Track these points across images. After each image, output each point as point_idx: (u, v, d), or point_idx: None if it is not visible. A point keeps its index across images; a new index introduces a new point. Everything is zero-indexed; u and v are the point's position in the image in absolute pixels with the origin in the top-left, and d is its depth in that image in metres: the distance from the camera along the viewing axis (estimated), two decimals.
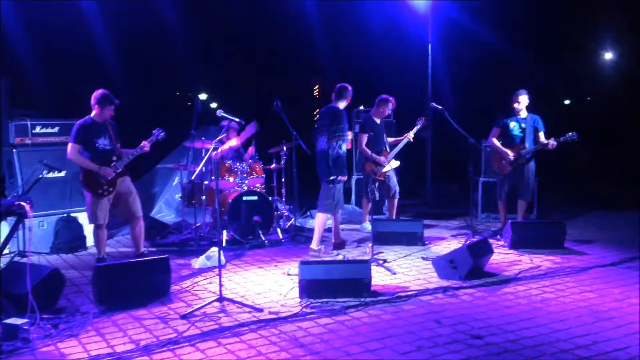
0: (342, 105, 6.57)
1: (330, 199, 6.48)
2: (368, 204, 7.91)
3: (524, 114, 7.51)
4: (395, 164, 7.80)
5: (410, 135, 7.75)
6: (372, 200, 7.26)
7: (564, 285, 5.30)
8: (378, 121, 7.81)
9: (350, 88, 6.61)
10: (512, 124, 7.51)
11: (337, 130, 6.38)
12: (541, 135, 7.47)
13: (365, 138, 7.61)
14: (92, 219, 5.98)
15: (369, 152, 7.58)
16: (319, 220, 6.54)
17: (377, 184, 7.74)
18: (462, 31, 13.45)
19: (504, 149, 7.47)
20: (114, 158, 5.96)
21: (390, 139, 7.95)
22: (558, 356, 3.70)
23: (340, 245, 6.83)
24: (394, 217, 7.87)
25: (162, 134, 6.18)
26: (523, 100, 7.45)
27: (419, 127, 7.81)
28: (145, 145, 6.05)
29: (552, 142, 7.23)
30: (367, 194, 7.75)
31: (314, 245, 6.51)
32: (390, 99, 7.80)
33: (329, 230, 8.03)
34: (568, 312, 4.55)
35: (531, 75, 14.74)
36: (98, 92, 5.95)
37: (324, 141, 6.41)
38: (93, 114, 5.96)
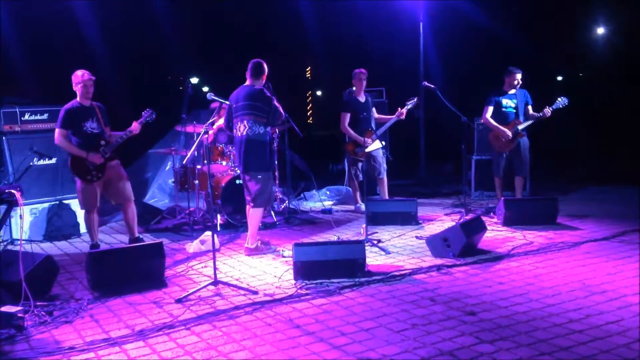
0: (258, 84, 5.84)
1: (268, 192, 5.88)
2: (356, 186, 7.90)
3: (513, 90, 7.50)
4: (379, 144, 7.39)
5: (403, 112, 7.50)
6: (357, 182, 7.20)
7: (556, 260, 5.32)
8: (362, 99, 7.66)
9: (265, 64, 5.87)
10: (505, 101, 7.49)
11: (274, 115, 5.78)
12: (529, 109, 7.49)
13: (346, 117, 7.52)
14: (84, 204, 5.95)
15: (350, 131, 7.51)
16: (257, 217, 5.88)
17: (360, 165, 7.66)
18: (453, 9, 13.36)
19: (501, 127, 7.44)
20: (102, 142, 5.90)
21: (382, 116, 7.79)
22: (551, 330, 3.73)
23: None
24: (386, 196, 7.83)
25: (152, 115, 6.02)
26: (519, 79, 7.43)
27: (409, 107, 7.55)
28: (136, 127, 5.94)
29: (547, 111, 7.25)
30: (352, 176, 7.71)
31: (250, 244, 5.86)
32: (360, 70, 7.60)
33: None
34: (561, 287, 4.58)
35: (523, 52, 14.69)
36: (76, 73, 5.86)
37: (258, 127, 5.73)
38: (78, 97, 5.89)
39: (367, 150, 7.39)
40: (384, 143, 7.67)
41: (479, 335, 3.69)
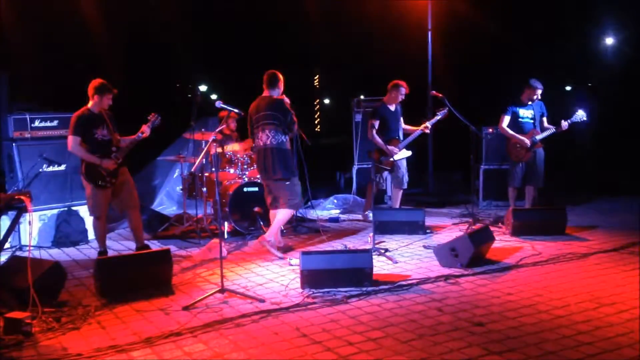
0: (276, 94, 6.15)
1: (298, 196, 6.18)
2: (373, 193, 7.84)
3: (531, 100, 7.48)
4: (406, 153, 7.51)
5: (428, 126, 7.40)
6: (376, 189, 7.17)
7: (565, 271, 5.29)
8: (392, 108, 7.59)
9: (279, 73, 6.18)
10: (522, 112, 7.46)
11: (291, 124, 6.07)
12: (544, 120, 7.47)
13: (375, 124, 7.52)
14: (93, 211, 5.98)
15: (378, 139, 7.47)
16: (284, 216, 6.16)
17: (384, 173, 7.63)
18: (461, 18, 13.37)
19: (520, 136, 7.41)
20: (114, 149, 5.95)
21: (408, 127, 7.67)
22: (560, 342, 3.70)
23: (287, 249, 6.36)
24: (397, 206, 7.78)
25: (158, 118, 6.10)
26: (539, 94, 7.40)
27: (439, 118, 7.34)
28: (145, 129, 6.01)
29: (564, 124, 7.23)
30: (373, 182, 7.67)
31: (268, 237, 6.08)
32: (402, 83, 7.55)
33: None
34: (570, 298, 4.55)
35: (531, 61, 14.67)
36: (96, 82, 5.90)
37: (280, 136, 6.06)
38: (90, 104, 5.92)
39: (392, 159, 7.40)
40: (410, 153, 7.61)
41: (487, 347, 3.66)
